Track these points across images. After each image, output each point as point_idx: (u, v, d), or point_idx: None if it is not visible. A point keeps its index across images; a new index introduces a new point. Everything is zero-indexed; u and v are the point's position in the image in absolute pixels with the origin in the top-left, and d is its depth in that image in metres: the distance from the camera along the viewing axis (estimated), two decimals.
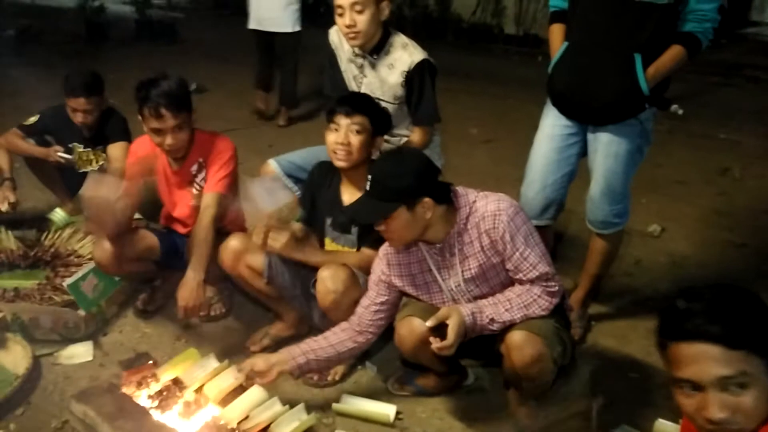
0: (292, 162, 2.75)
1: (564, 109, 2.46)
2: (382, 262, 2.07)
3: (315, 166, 2.50)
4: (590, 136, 2.45)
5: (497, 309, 1.85)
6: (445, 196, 1.88)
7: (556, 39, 2.46)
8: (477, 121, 5.76)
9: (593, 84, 2.32)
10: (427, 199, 1.81)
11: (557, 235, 3.27)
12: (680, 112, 6.23)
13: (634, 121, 2.35)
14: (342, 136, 2.20)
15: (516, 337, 1.84)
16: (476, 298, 1.95)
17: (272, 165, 2.75)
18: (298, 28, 5.21)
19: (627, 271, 3.20)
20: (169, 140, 2.41)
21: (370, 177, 1.85)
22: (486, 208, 1.85)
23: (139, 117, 2.44)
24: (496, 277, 1.92)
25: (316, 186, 2.46)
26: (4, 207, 3.05)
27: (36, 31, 8.51)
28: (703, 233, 3.69)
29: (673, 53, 2.26)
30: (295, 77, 5.57)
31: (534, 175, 2.56)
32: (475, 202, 1.88)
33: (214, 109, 5.94)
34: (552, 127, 2.51)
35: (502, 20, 9.59)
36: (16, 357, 2.28)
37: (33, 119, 3.22)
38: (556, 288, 1.89)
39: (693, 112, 6.05)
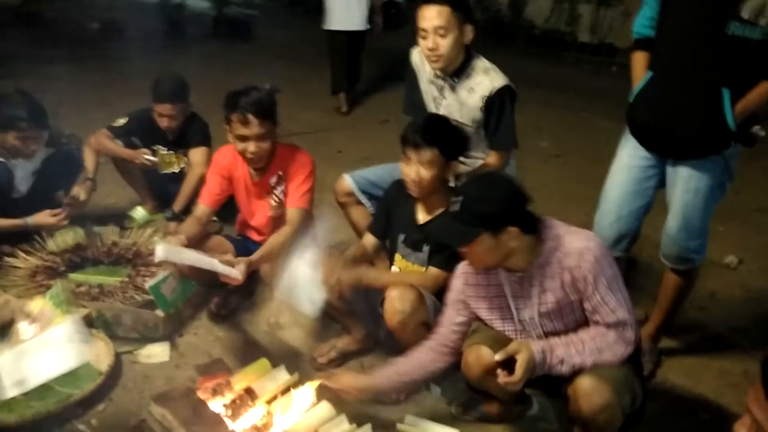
0: (366, 178, 2.79)
1: (644, 141, 2.40)
2: (459, 281, 2.06)
3: (392, 183, 2.53)
4: (670, 169, 2.39)
5: (569, 350, 1.82)
6: (532, 227, 1.85)
7: (639, 67, 2.40)
8: (547, 134, 5.68)
9: (678, 117, 2.25)
10: (513, 228, 1.78)
11: (630, 261, 3.20)
12: (762, 133, 5.98)
13: (718, 157, 2.27)
14: (413, 172, 2.22)
15: (585, 383, 1.80)
16: (548, 333, 1.93)
17: (347, 180, 2.80)
18: (368, 27, 5.87)
19: (700, 305, 3.11)
20: (252, 147, 2.49)
21: (457, 198, 1.83)
22: (572, 245, 1.82)
23: (226, 126, 2.53)
24: (572, 315, 1.90)
25: (392, 202, 2.49)
26: (70, 202, 3.08)
27: (119, 26, 8.83)
28: None
29: (763, 90, 2.16)
30: (359, 68, 6.34)
31: (609, 205, 2.52)
32: (562, 236, 1.85)
33: (285, 111, 6.03)
34: (630, 157, 2.45)
35: (577, 28, 9.42)
36: (100, 353, 2.40)
37: (122, 121, 3.37)
38: (633, 337, 1.84)
39: None
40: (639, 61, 2.41)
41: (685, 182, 2.34)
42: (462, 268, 2.06)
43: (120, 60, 7.47)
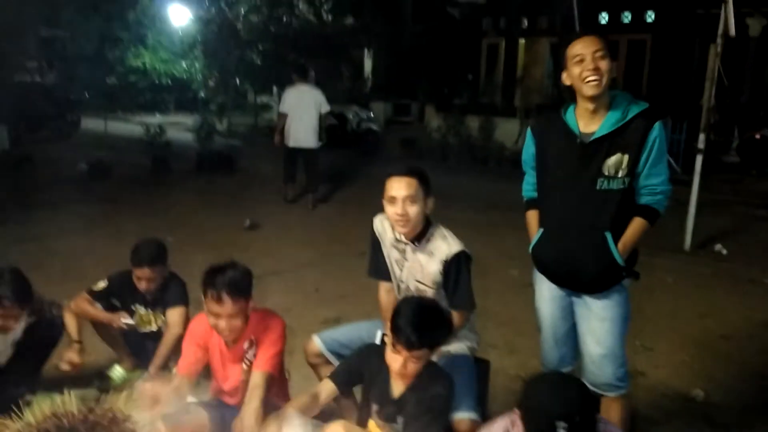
0: (336, 340, 2.91)
1: (554, 282, 2.76)
2: None
3: (367, 347, 2.63)
4: (580, 302, 2.72)
5: None
6: None
7: (533, 223, 2.80)
8: (519, 261, 5.85)
9: (575, 263, 2.62)
10: None
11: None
12: (724, 252, 6.23)
13: (620, 287, 2.63)
14: (400, 363, 2.31)
15: None
16: None
17: (316, 342, 2.92)
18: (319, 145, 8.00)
19: None
20: (223, 324, 2.63)
21: None
22: None
23: (202, 296, 2.68)
24: None
25: (366, 366, 2.55)
26: (66, 367, 3.24)
27: (106, 166, 9.19)
28: (748, 399, 3.63)
29: (636, 226, 2.56)
30: (316, 177, 8.25)
31: (545, 333, 2.87)
32: None
33: (265, 246, 6.28)
34: (549, 290, 2.81)
35: None
36: None
37: (102, 285, 3.50)
38: None
39: (739, 251, 6.05)
40: (532, 218, 2.82)
41: (599, 312, 2.67)
42: None
43: (106, 201, 7.74)
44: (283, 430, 2.37)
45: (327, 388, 2.59)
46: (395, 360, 2.33)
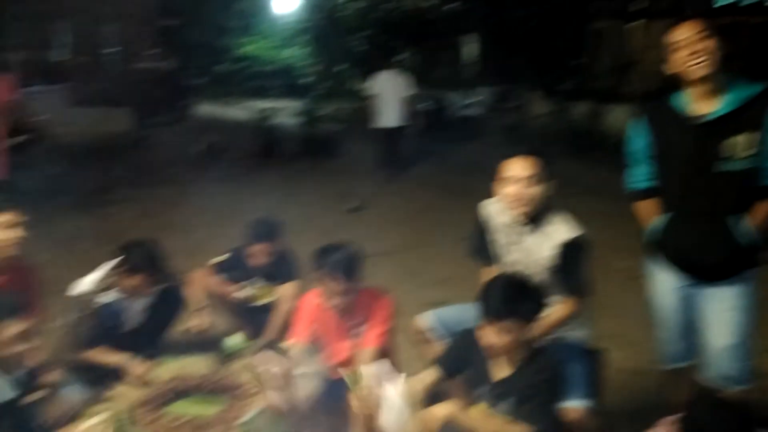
0: (443, 319, 2.92)
1: (676, 271, 2.67)
2: None
3: (471, 330, 2.65)
4: (702, 291, 2.63)
5: None
6: None
7: (648, 212, 2.74)
8: (626, 252, 5.64)
9: (698, 250, 2.57)
10: None
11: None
12: None
13: (745, 276, 2.55)
14: (491, 337, 2.33)
15: None
16: None
17: (424, 320, 2.94)
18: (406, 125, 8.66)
19: None
20: (334, 301, 2.75)
21: None
22: None
23: (312, 274, 2.79)
24: None
25: (470, 348, 2.54)
26: (197, 329, 3.46)
27: (218, 148, 9.65)
28: None
29: (764, 210, 2.48)
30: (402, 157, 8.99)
31: (665, 326, 2.80)
32: None
33: (367, 229, 6.39)
34: (668, 280, 2.73)
35: None
36: None
37: (223, 257, 3.72)
38: None
39: None
40: (646, 208, 2.76)
41: (724, 301, 2.59)
42: None
43: (218, 181, 8.15)
44: (384, 411, 2.43)
45: (432, 374, 2.62)
46: (485, 335, 2.34)
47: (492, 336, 2.33)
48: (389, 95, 8.62)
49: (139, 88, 11.70)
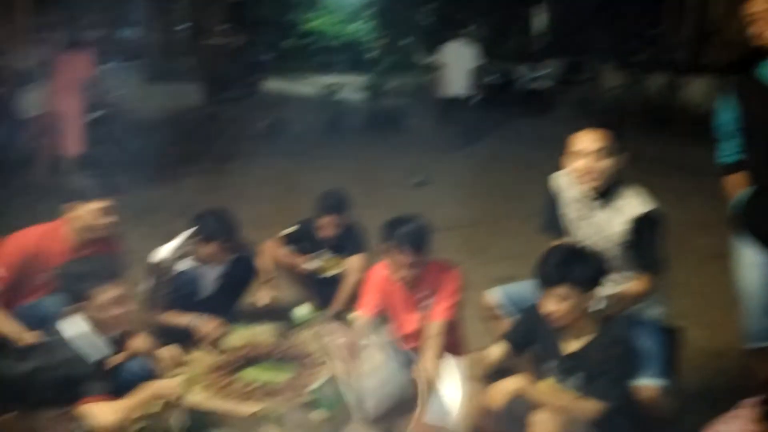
0: (512, 295, 2.89)
1: (763, 247, 2.56)
2: None
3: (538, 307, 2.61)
4: None
5: None
6: None
7: (737, 187, 2.64)
8: (707, 230, 5.41)
9: None
10: None
11: None
12: None
13: None
14: (549, 305, 2.31)
15: None
16: None
17: (493, 295, 2.92)
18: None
19: None
20: (402, 273, 2.75)
21: None
22: None
23: (379, 246, 2.80)
24: None
25: (538, 322, 2.53)
26: (264, 302, 3.57)
27: (285, 122, 9.78)
28: None
29: None
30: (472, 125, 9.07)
31: (749, 304, 2.68)
32: None
33: (433, 203, 6.34)
34: (755, 256, 2.61)
35: None
36: None
37: (291, 229, 3.78)
38: None
39: None
40: (734, 182, 2.67)
41: None
42: None
43: (285, 156, 8.28)
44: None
45: (500, 349, 2.61)
46: (543, 303, 2.32)
47: (550, 304, 2.31)
48: (455, 66, 8.69)
49: (209, 63, 11.96)
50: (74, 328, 2.49)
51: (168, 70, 13.77)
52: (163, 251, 3.30)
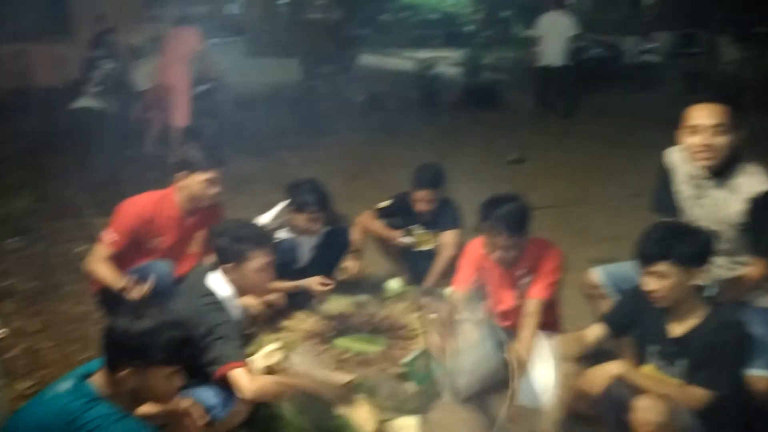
0: (616, 273, 2.80)
1: None
2: None
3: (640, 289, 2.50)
4: None
5: None
6: None
7: None
8: None
9: None
10: None
11: None
12: None
13: None
14: (650, 284, 2.21)
15: None
16: None
17: (596, 274, 2.83)
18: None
19: None
20: (498, 254, 2.70)
21: None
22: None
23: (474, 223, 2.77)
24: None
25: (640, 305, 2.44)
26: (351, 273, 3.62)
27: (380, 98, 9.80)
28: None
29: None
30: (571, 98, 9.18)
31: None
32: None
33: (529, 181, 6.19)
34: None
35: None
36: (364, 418, 2.69)
37: (386, 203, 3.79)
38: None
39: None
40: None
41: None
42: None
43: (381, 131, 8.30)
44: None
45: (598, 330, 2.52)
46: (644, 282, 2.23)
47: (650, 282, 2.21)
48: (554, 35, 8.68)
49: (308, 38, 12.13)
50: (219, 289, 2.51)
51: (268, 44, 14.11)
52: (262, 220, 3.40)
